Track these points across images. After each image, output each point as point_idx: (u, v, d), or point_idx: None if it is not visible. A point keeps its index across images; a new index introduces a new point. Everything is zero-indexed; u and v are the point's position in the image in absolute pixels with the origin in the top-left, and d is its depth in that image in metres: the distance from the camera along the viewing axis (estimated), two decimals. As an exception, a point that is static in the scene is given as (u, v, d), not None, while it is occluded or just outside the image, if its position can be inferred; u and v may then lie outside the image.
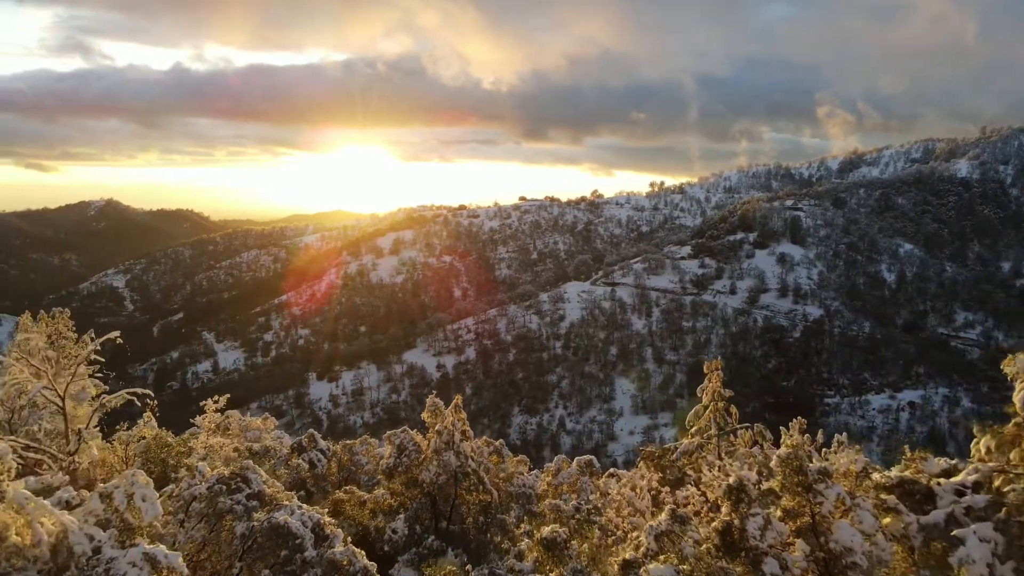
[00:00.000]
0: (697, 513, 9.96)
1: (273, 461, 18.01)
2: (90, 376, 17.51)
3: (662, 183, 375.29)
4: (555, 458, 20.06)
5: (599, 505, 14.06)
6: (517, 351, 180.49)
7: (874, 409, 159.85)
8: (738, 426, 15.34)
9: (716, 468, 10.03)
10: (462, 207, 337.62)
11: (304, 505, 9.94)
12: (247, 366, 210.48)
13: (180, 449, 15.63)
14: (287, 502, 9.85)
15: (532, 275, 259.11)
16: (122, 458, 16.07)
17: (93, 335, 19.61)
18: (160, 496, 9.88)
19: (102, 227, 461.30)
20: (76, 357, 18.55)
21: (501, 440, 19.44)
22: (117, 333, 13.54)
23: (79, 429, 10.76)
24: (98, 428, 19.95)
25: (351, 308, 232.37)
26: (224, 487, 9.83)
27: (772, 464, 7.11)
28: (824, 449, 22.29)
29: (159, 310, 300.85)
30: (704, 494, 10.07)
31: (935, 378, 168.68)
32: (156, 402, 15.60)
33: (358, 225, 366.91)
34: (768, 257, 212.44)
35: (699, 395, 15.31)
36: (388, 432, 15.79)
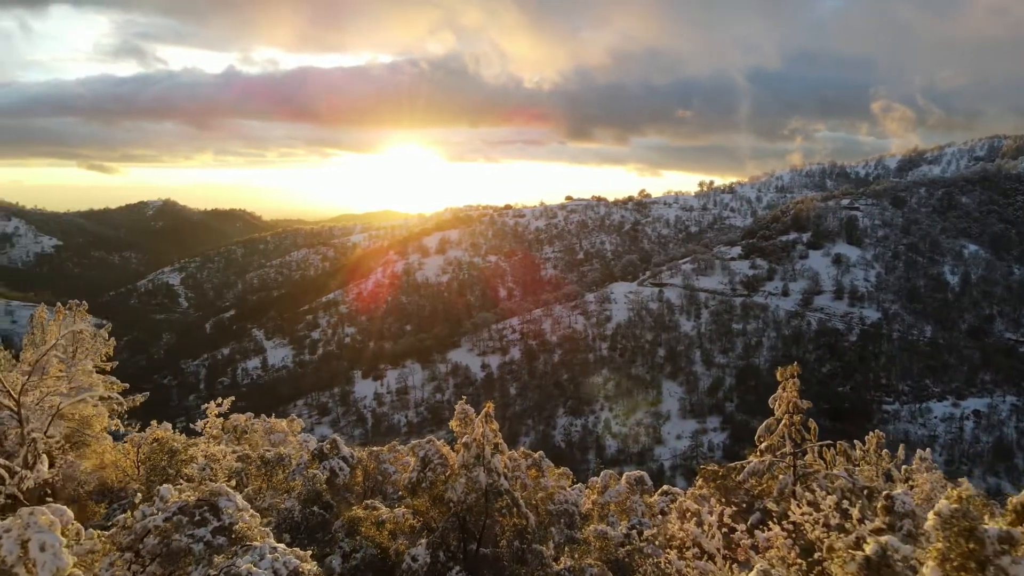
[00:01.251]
0: (783, 560, 8.07)
1: (289, 470, 16.65)
2: (106, 373, 16.40)
3: (711, 183, 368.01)
4: (601, 473, 18.13)
5: (653, 539, 12.22)
6: (562, 352, 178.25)
7: (936, 417, 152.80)
8: (818, 443, 13.24)
9: (804, 501, 8.17)
10: (508, 207, 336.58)
11: (280, 546, 8.30)
12: (295, 363, 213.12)
13: (183, 457, 14.34)
14: (260, 542, 8.17)
15: (578, 275, 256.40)
16: (134, 462, 14.92)
17: (104, 332, 18.57)
18: (113, 526, 8.47)
19: (160, 226, 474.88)
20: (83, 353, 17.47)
21: (540, 452, 17.56)
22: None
23: (32, 438, 9.48)
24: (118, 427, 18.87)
25: (397, 307, 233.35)
26: (186, 519, 8.26)
27: (928, 524, 5.19)
28: (904, 467, 19.86)
29: (212, 307, 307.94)
30: (791, 535, 8.21)
31: (1002, 386, 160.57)
32: (124, 407, 14.40)
33: (405, 225, 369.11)
34: (823, 258, 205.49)
35: (771, 406, 13.27)
36: (412, 442, 14.24)
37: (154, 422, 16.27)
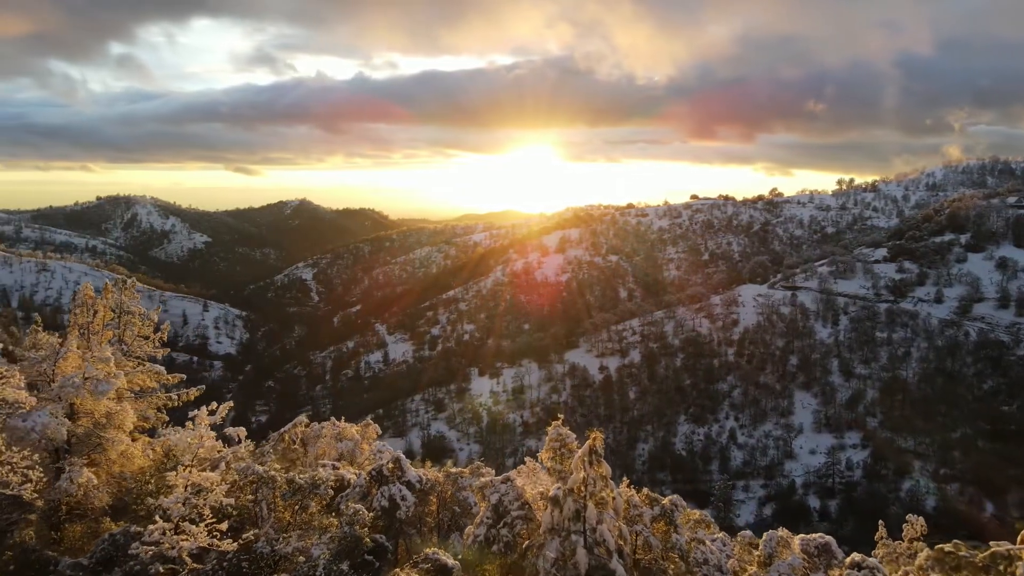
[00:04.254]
0: None
1: (324, 501, 13.34)
2: (140, 362, 13.87)
3: (851, 180, 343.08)
4: (766, 536, 13.49)
5: None
6: (685, 356, 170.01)
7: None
8: None
9: None
10: (630, 206, 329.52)
11: None
12: (415, 358, 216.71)
13: (166, 483, 11.34)
14: None
15: (703, 277, 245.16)
16: (156, 464, 12.27)
17: (155, 315, 16.22)
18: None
19: (296, 224, 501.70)
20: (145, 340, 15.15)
21: (671, 498, 12.97)
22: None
23: None
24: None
25: (515, 305, 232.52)
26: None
27: None
28: None
29: (340, 302, 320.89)
30: None
31: None
32: (178, 401, 11.46)
33: (526, 224, 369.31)
34: (984, 262, 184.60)
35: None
36: (481, 481, 10.65)
37: (189, 423, 13.65)
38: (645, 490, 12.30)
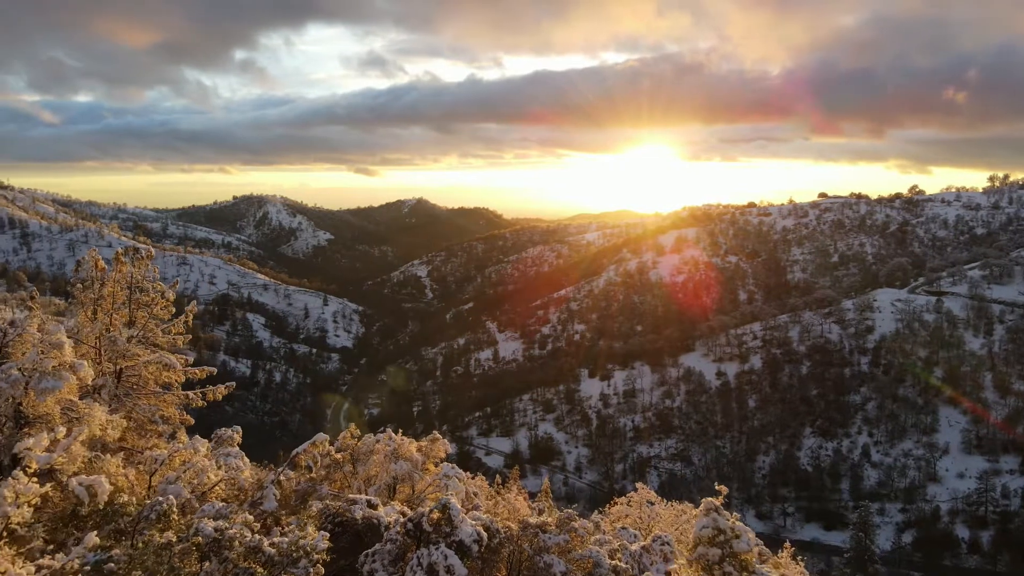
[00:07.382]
0: None
1: None
2: (158, 350, 11.04)
3: (1005, 177, 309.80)
4: None
5: None
6: (812, 364, 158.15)
7: None
8: None
9: None
10: (751, 205, 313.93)
11: None
12: (524, 357, 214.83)
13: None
14: None
15: (831, 280, 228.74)
16: (128, 487, 9.30)
17: (167, 291, 13.46)
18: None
19: (413, 223, 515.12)
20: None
21: None
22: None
23: None
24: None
25: (628, 306, 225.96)
26: None
27: None
28: None
29: (453, 299, 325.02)
30: None
31: None
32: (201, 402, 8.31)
33: (641, 223, 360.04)
34: None
35: None
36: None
37: (184, 436, 10.82)
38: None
